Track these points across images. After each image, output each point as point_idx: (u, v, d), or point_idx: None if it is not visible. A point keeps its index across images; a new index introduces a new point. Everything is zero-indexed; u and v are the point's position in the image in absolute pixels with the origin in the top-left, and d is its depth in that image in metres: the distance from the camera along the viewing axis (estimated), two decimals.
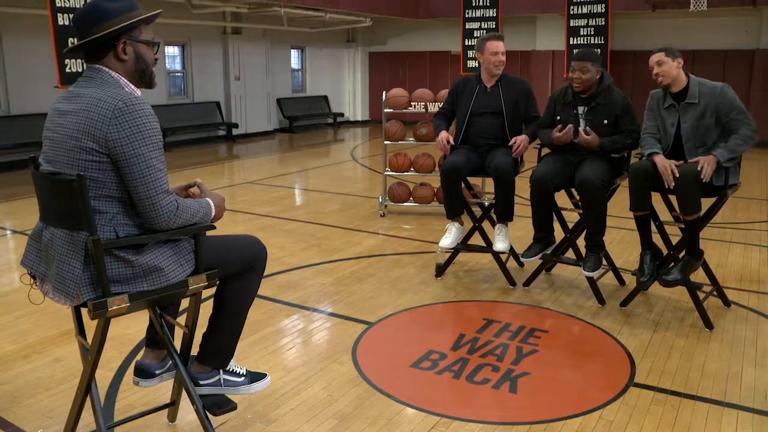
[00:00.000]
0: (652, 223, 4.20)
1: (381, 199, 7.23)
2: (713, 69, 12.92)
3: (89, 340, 2.34)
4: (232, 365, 2.63)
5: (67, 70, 7.63)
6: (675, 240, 4.27)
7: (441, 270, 5.03)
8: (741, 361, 3.58)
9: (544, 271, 4.98)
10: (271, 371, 3.33)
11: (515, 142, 4.69)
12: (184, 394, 2.81)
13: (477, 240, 5.04)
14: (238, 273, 2.46)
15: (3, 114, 10.24)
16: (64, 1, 7.81)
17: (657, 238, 4.28)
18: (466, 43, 14.20)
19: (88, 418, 2.73)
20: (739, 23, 13.49)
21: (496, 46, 4.81)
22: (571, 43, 13.43)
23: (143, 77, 2.29)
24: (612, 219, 6.16)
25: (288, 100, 16.30)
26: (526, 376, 3.41)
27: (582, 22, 13.91)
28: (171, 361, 2.63)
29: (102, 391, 3.16)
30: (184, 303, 2.62)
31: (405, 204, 7.21)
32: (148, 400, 3.10)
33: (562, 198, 4.70)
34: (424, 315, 4.30)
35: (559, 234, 4.68)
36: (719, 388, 3.27)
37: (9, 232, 6.45)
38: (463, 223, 4.89)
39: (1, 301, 4.55)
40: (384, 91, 7.16)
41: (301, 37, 16.26)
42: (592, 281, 4.45)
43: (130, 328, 3.95)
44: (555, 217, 4.60)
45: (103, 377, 3.27)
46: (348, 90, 18.56)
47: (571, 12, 13.96)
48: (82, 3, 7.84)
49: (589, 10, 13.84)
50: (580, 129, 4.37)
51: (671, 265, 4.08)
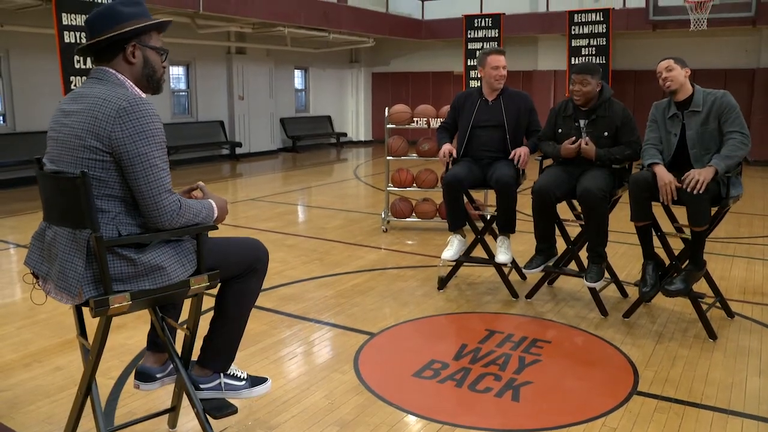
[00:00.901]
0: (654, 233, 4.19)
1: (383, 215, 7.24)
2: (714, 88, 12.95)
3: (90, 341, 2.34)
4: (233, 369, 2.62)
5: (72, 87, 7.69)
6: (677, 251, 4.25)
7: (443, 282, 5.02)
8: (745, 370, 3.55)
9: (546, 283, 4.97)
10: (273, 380, 3.29)
11: (516, 154, 4.71)
12: (185, 400, 2.81)
13: (479, 252, 5.04)
14: (239, 275, 2.46)
15: (9, 131, 10.33)
16: (71, 20, 7.90)
17: (659, 250, 4.28)
18: (469, 63, 14.30)
19: (87, 425, 2.73)
20: (739, 43, 13.59)
21: (497, 60, 4.84)
22: (572, 62, 13.52)
23: (150, 82, 2.32)
24: (615, 234, 6.17)
25: (291, 119, 16.40)
26: (528, 384, 3.39)
27: (583, 42, 14.03)
28: (172, 365, 2.63)
29: (102, 398, 3.14)
30: (185, 310, 2.63)
31: (407, 219, 7.22)
32: (148, 407, 3.08)
33: (564, 210, 4.71)
34: (426, 326, 4.29)
35: (561, 246, 4.68)
36: (723, 397, 3.24)
37: (12, 246, 6.46)
38: (465, 236, 4.89)
39: (3, 311, 4.55)
40: (387, 107, 7.21)
41: (304, 58, 16.40)
42: (594, 292, 4.44)
43: (131, 338, 3.95)
44: (557, 229, 4.61)
45: (103, 385, 3.25)
46: (351, 110, 18.66)
47: (573, 32, 14.09)
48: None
49: (590, 30, 13.97)
50: (582, 140, 4.39)
51: (674, 275, 4.07)
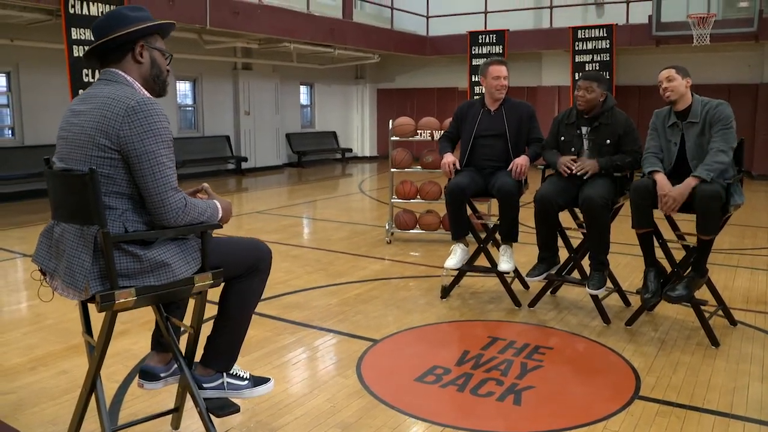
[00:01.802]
0: (655, 240, 4.21)
1: (387, 227, 7.28)
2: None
3: (96, 338, 2.37)
4: (236, 369, 2.65)
5: None
6: (678, 258, 4.27)
7: (446, 291, 5.04)
8: (747, 376, 3.55)
9: (549, 292, 4.99)
10: (275, 384, 3.30)
11: (514, 165, 4.74)
12: (188, 402, 2.84)
13: (482, 262, 5.06)
14: (242, 274, 2.49)
15: (17, 144, 10.45)
16: (80, 34, 8.03)
17: (661, 258, 4.30)
18: (473, 79, 14.40)
19: (90, 426, 2.76)
20: (742, 58, 13.65)
21: (498, 71, 4.89)
22: (576, 78, 13.60)
23: (156, 83, 2.40)
24: (618, 245, 6.20)
25: (297, 135, 16.50)
26: (530, 389, 3.40)
27: (587, 58, 14.14)
28: (175, 365, 2.66)
29: (107, 401, 3.11)
30: (188, 313, 2.66)
31: (411, 231, 7.25)
32: (152, 409, 3.09)
33: (568, 220, 4.74)
34: (429, 333, 4.31)
35: (564, 255, 4.70)
36: (725, 401, 3.25)
37: (19, 256, 6.52)
38: (468, 245, 4.92)
39: (10, 317, 4.59)
40: (390, 120, 7.27)
41: (310, 74, 16.55)
42: (596, 300, 4.45)
43: (136, 344, 3.98)
44: (559, 238, 4.63)
45: (108, 388, 3.28)
46: (356, 126, 18.77)
47: (576, 48, 14.21)
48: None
49: (594, 46, 14.09)
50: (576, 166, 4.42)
51: (676, 282, 4.08)
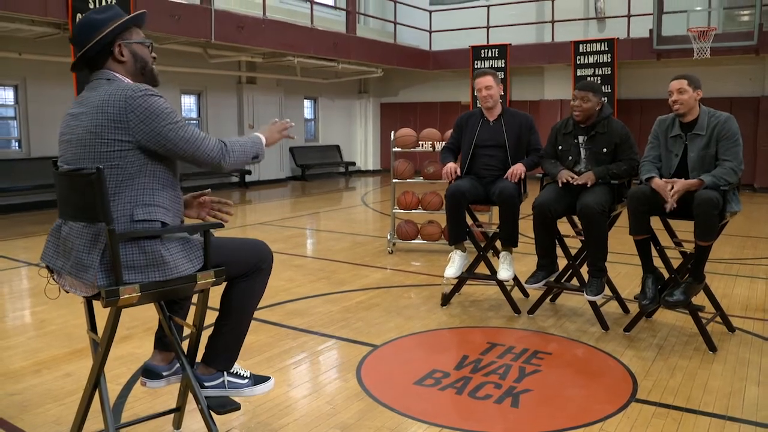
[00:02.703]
0: (653, 247, 4.26)
1: (389, 237, 7.33)
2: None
3: (100, 335, 2.42)
4: (236, 368, 2.70)
5: None
6: (676, 264, 4.31)
7: (447, 299, 5.09)
8: (744, 379, 3.58)
9: (549, 300, 5.03)
10: (276, 387, 3.37)
11: (511, 171, 4.79)
12: (190, 403, 2.88)
13: (482, 270, 5.11)
14: (244, 274, 2.55)
15: (23, 156, 10.58)
16: None
17: (661, 267, 4.34)
18: (476, 93, 14.50)
19: (94, 426, 2.81)
20: (743, 71, 13.73)
21: (480, 82, 5.00)
22: None
23: (145, 73, 2.47)
24: (617, 255, 6.24)
25: (301, 149, 16.61)
26: (528, 392, 3.43)
27: (589, 72, 14.24)
28: (178, 365, 2.72)
29: (110, 401, 3.21)
30: (191, 315, 2.72)
31: (413, 241, 7.30)
32: (154, 411, 3.13)
33: (567, 229, 4.79)
34: (429, 339, 4.35)
35: (563, 263, 4.74)
36: (721, 404, 3.28)
37: (24, 265, 6.59)
38: (466, 251, 4.95)
39: (15, 324, 4.65)
40: (393, 132, 7.35)
41: (314, 88, 16.68)
42: (594, 306, 4.49)
43: (140, 348, 4.03)
44: (558, 245, 4.68)
45: (111, 390, 3.32)
46: (360, 140, 18.88)
47: (578, 62, 14.32)
48: None
49: (596, 60, 14.19)
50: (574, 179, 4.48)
51: (673, 288, 4.12)
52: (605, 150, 4.47)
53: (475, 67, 15.39)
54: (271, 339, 4.27)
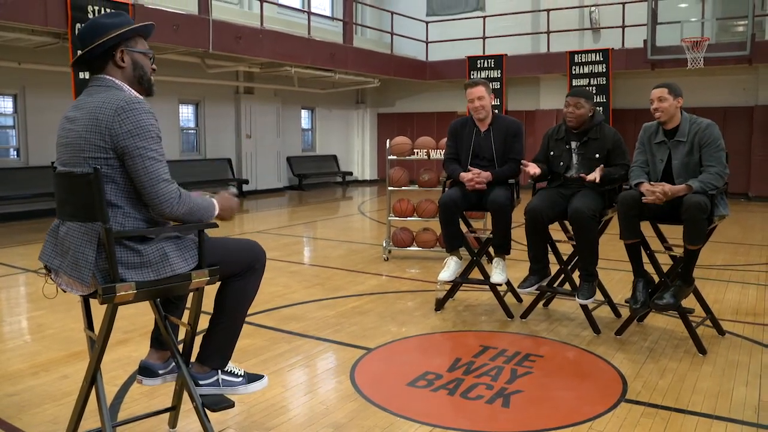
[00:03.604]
0: (643, 251, 4.32)
1: (385, 244, 7.39)
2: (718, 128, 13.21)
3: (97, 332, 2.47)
4: (230, 366, 2.74)
5: None
6: (666, 268, 4.37)
7: (440, 304, 5.14)
8: (733, 380, 3.64)
9: (542, 305, 5.08)
10: (270, 389, 3.43)
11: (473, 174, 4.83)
12: (185, 404, 2.93)
13: (476, 275, 5.16)
14: (238, 273, 2.61)
15: (22, 165, 10.64)
16: None
17: (650, 269, 4.40)
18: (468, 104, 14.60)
19: (90, 425, 2.85)
20: (737, 81, 13.86)
21: (471, 93, 4.97)
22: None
23: (142, 83, 2.53)
24: (611, 261, 6.31)
25: (298, 158, 16.70)
26: (519, 393, 3.48)
27: (584, 82, 14.38)
28: (173, 363, 2.76)
29: (107, 402, 3.25)
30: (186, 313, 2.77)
31: (408, 249, 7.35)
32: (151, 411, 3.18)
33: (558, 235, 4.85)
34: (422, 342, 4.40)
35: (555, 268, 4.80)
36: (709, 404, 3.32)
37: (21, 271, 6.64)
38: (461, 258, 5.01)
39: (13, 328, 4.70)
40: (388, 140, 7.43)
41: (311, 98, 16.79)
42: (586, 309, 4.54)
43: (136, 351, 4.07)
44: (550, 250, 4.74)
45: (108, 392, 3.35)
46: (357, 150, 18.99)
47: (573, 72, 14.45)
48: None
49: (591, 70, 14.33)
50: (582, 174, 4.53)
51: (663, 291, 4.18)
52: (597, 156, 4.54)
53: (472, 77, 15.52)
54: (266, 342, 4.31)
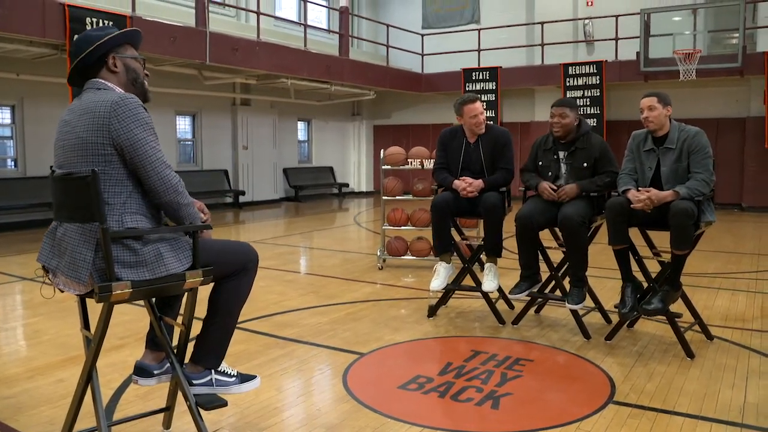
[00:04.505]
0: (632, 257, 4.39)
1: (379, 253, 7.45)
2: (707, 136, 13.32)
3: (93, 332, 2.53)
4: (224, 366, 2.80)
5: None
6: (654, 275, 4.44)
7: (433, 311, 5.19)
8: (719, 382, 3.70)
9: (533, 312, 5.15)
10: (263, 392, 3.49)
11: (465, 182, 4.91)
12: (179, 403, 2.98)
13: (468, 283, 5.22)
14: (231, 274, 2.67)
15: (19, 176, 10.70)
16: None
17: (640, 277, 4.47)
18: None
19: (86, 427, 2.90)
20: (729, 93, 14.00)
21: (472, 109, 5.02)
22: None
23: (136, 85, 2.63)
24: (604, 270, 6.38)
25: (294, 170, 16.78)
26: (508, 395, 3.53)
27: (578, 93, 14.52)
28: (168, 364, 2.82)
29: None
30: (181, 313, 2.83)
31: (403, 258, 7.42)
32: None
33: (550, 241, 4.92)
34: (414, 347, 4.45)
35: (546, 275, 4.86)
36: (696, 405, 3.38)
37: (18, 280, 6.69)
38: (451, 263, 5.06)
39: (9, 334, 4.74)
40: (382, 150, 7.52)
41: (307, 110, 16.90)
42: (576, 314, 4.60)
43: (131, 356, 4.10)
44: (540, 256, 4.80)
45: (103, 394, 3.38)
46: (353, 161, 19.08)
47: (568, 84, 14.59)
48: None
49: (585, 82, 14.47)
50: (559, 185, 4.62)
51: (651, 296, 4.24)
52: (585, 164, 4.62)
53: (467, 89, 15.66)
54: (260, 348, 4.36)
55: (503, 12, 16.76)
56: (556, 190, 4.60)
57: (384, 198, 7.46)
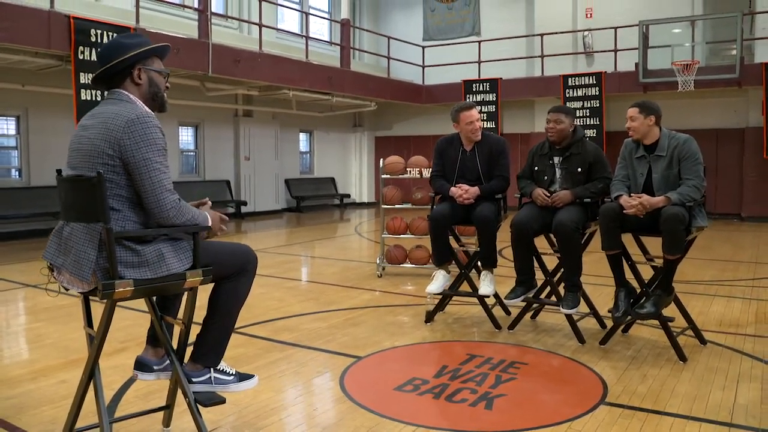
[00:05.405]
0: (625, 262, 4.46)
1: (378, 261, 7.52)
2: (706, 147, 13.35)
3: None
4: (223, 365, 2.87)
5: None
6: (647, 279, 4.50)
7: (430, 316, 5.26)
8: (710, 384, 3.75)
9: (529, 317, 5.21)
10: (262, 393, 3.56)
11: (461, 190, 4.98)
12: (179, 403, 3.05)
13: (465, 288, 5.29)
14: (231, 275, 2.75)
15: (23, 185, 10.82)
16: (88, 78, 8.43)
17: (634, 284, 4.53)
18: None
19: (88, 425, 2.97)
20: (727, 104, 14.10)
21: (469, 116, 5.12)
22: None
23: (156, 99, 2.73)
24: (600, 278, 6.43)
25: (296, 180, 16.89)
26: (502, 397, 3.60)
27: (578, 105, 14.62)
28: (168, 360, 2.89)
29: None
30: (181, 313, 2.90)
31: (402, 266, 7.49)
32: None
33: (545, 247, 5.00)
34: (411, 351, 4.52)
35: (541, 280, 4.93)
36: (686, 406, 3.44)
37: (20, 286, 6.77)
38: (450, 272, 5.14)
39: (12, 337, 4.82)
40: (381, 159, 7.61)
41: (309, 121, 17.03)
42: (570, 319, 4.67)
43: (132, 359, 4.09)
44: (536, 262, 4.87)
45: (105, 396, 3.46)
46: (354, 172, 19.18)
47: (567, 95, 14.70)
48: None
49: (584, 93, 14.59)
50: (553, 189, 4.71)
51: (644, 300, 4.31)
52: (579, 170, 4.71)
53: (468, 100, 15.76)
54: (259, 351, 4.43)
55: (503, 24, 16.92)
56: (549, 196, 4.69)
57: (383, 207, 7.55)
